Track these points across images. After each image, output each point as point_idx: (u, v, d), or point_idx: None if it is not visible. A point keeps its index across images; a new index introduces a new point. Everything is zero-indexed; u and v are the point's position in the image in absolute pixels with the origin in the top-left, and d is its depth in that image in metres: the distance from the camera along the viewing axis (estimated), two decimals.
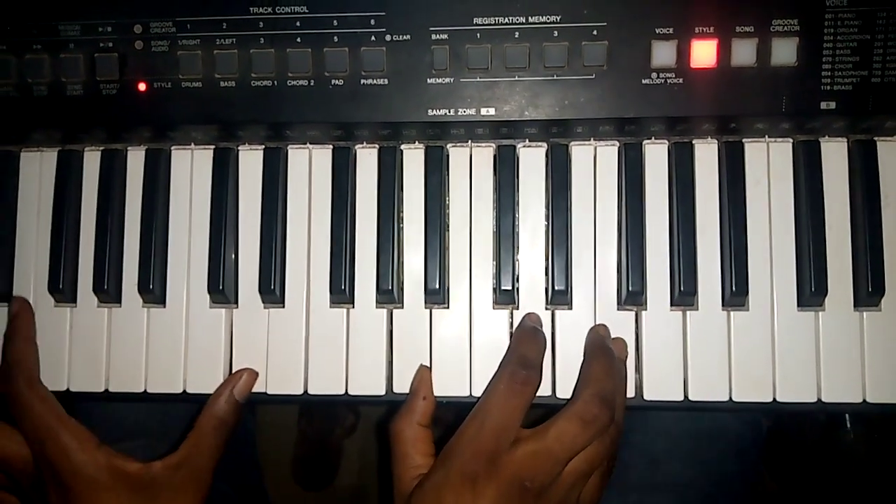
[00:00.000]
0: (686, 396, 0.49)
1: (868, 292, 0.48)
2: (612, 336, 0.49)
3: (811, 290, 0.48)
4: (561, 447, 0.43)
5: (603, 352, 0.47)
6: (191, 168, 0.53)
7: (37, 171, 0.54)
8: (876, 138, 0.50)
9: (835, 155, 0.50)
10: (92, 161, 0.53)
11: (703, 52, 0.47)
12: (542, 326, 0.49)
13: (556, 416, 0.44)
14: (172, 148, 0.53)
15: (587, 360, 0.48)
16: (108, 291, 0.52)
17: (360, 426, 1.29)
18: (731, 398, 0.49)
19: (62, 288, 0.52)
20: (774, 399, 0.49)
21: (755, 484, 0.63)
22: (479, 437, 0.43)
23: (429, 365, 0.50)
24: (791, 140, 0.50)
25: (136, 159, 0.53)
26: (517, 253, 0.51)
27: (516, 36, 0.48)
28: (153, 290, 0.51)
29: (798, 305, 0.49)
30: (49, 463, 0.46)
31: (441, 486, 0.43)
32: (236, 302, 0.52)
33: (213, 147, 0.53)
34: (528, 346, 0.47)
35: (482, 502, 0.42)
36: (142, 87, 0.50)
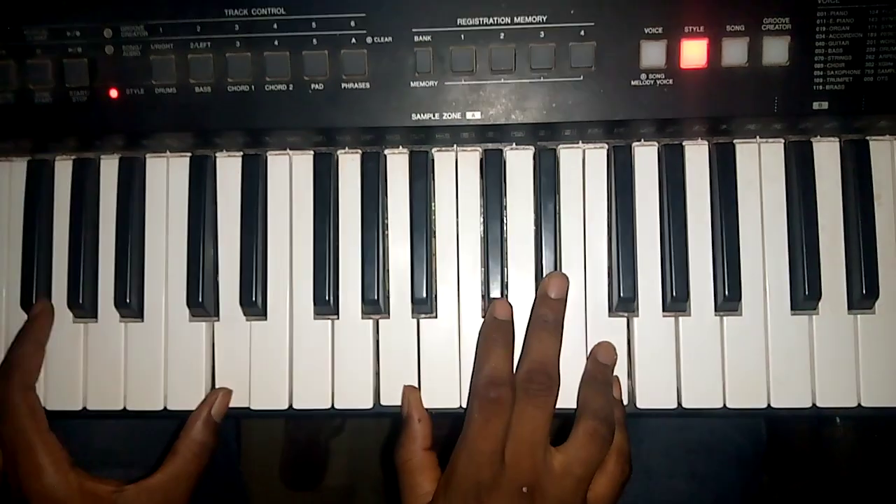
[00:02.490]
0: (679, 404, 0.48)
1: (862, 295, 0.47)
2: (602, 341, 0.49)
3: (805, 294, 0.47)
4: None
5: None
6: (167, 176, 0.51)
7: (6, 181, 0.52)
8: (868, 138, 0.49)
9: (827, 155, 0.49)
10: (63, 171, 0.52)
11: (693, 52, 0.46)
12: (511, 315, 0.47)
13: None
14: (147, 156, 0.51)
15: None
16: (83, 306, 0.50)
17: (347, 426, 1.28)
18: (725, 405, 0.48)
19: (35, 303, 0.50)
20: (769, 405, 0.48)
21: (755, 494, 0.63)
22: (473, 468, 0.43)
23: (417, 377, 0.49)
24: (783, 140, 0.49)
25: (109, 168, 0.51)
26: (506, 259, 0.49)
27: (502, 37, 0.47)
28: (130, 304, 0.50)
29: (791, 309, 0.48)
30: (19, 478, 0.45)
31: None
32: (217, 315, 0.50)
33: (189, 155, 0.51)
34: (494, 358, 0.45)
35: None
36: (113, 93, 0.48)
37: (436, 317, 0.49)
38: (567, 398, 0.47)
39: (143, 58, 0.48)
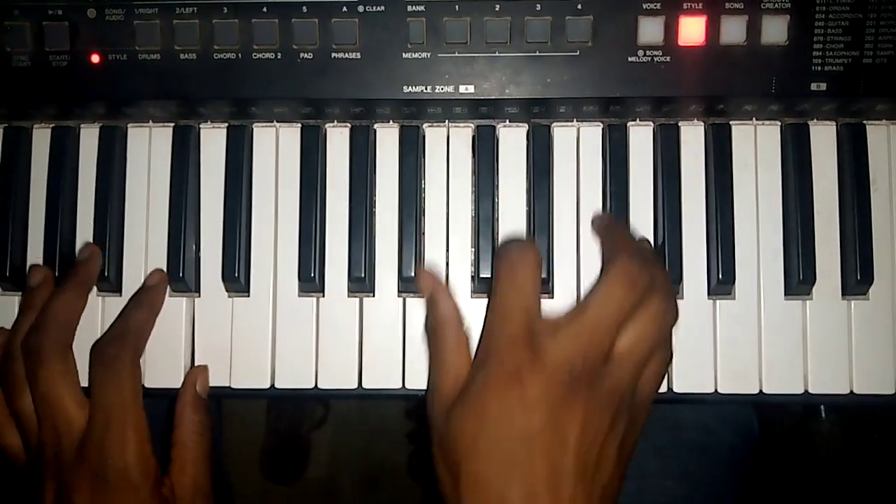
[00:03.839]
0: (671, 389, 0.47)
1: (856, 281, 0.47)
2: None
3: (799, 279, 0.47)
4: (605, 313, 0.38)
5: (616, 224, 0.46)
6: (149, 147, 0.49)
7: None
8: (866, 122, 0.48)
9: (824, 138, 0.48)
10: (41, 139, 0.50)
11: (692, 30, 0.45)
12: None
13: (591, 290, 0.39)
14: (129, 125, 0.50)
15: (603, 236, 0.45)
16: (58, 280, 0.48)
17: (330, 418, 1.26)
18: (716, 390, 0.47)
19: (8, 276, 0.48)
20: (761, 391, 0.47)
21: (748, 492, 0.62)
22: (509, 326, 0.39)
23: (401, 357, 0.48)
24: (779, 123, 0.48)
25: (89, 137, 0.50)
26: (497, 239, 0.48)
27: (497, 9, 0.46)
28: (108, 278, 0.48)
29: (785, 294, 0.48)
30: (103, 447, 0.42)
31: (483, 392, 0.38)
32: (198, 290, 0.49)
33: (172, 125, 0.49)
34: (510, 245, 0.42)
35: (530, 398, 0.37)
36: (95, 59, 0.47)
37: (423, 297, 0.48)
38: None
39: (127, 22, 0.46)
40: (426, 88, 0.46)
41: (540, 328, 0.39)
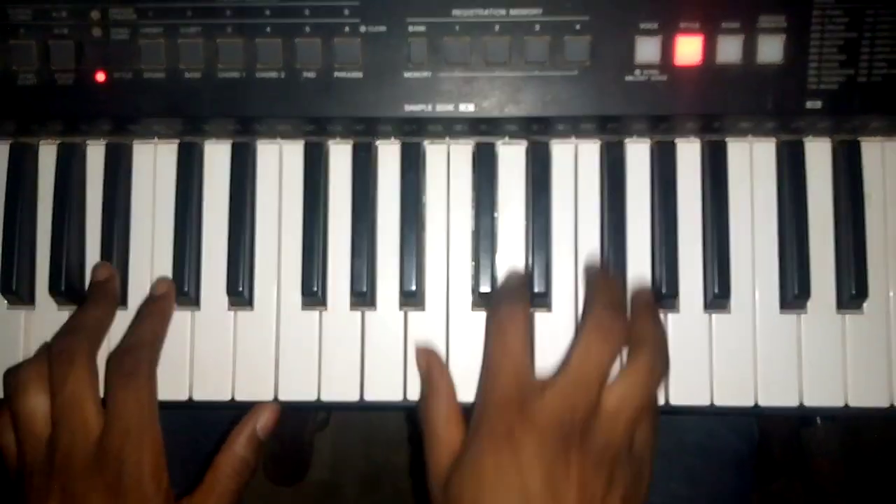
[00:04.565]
0: (667, 401, 0.48)
1: (851, 295, 0.47)
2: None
3: (794, 293, 0.48)
4: (587, 368, 0.39)
5: (599, 271, 0.46)
6: (154, 163, 0.50)
7: None
8: (860, 138, 0.49)
9: (819, 155, 0.49)
10: (48, 155, 0.50)
11: (688, 49, 0.46)
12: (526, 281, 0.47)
13: (570, 347, 0.41)
14: (134, 142, 0.50)
15: (587, 284, 0.46)
16: (65, 294, 0.49)
17: (332, 421, 1.27)
18: (712, 403, 0.48)
19: (15, 290, 0.49)
20: (756, 404, 0.48)
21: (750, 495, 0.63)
22: (499, 389, 0.40)
23: (403, 370, 0.48)
24: (775, 140, 0.49)
25: (95, 154, 0.50)
26: (496, 254, 0.49)
27: (497, 29, 0.46)
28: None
29: (780, 308, 0.48)
30: (114, 458, 0.41)
31: (478, 456, 0.39)
32: (201, 304, 0.49)
33: (177, 141, 0.50)
34: (509, 281, 0.45)
35: (524, 457, 0.38)
36: (100, 77, 0.47)
37: (424, 310, 0.49)
38: None
39: (132, 41, 0.47)
40: (427, 107, 0.47)
41: (530, 389, 0.40)
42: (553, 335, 0.48)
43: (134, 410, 0.42)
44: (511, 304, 0.44)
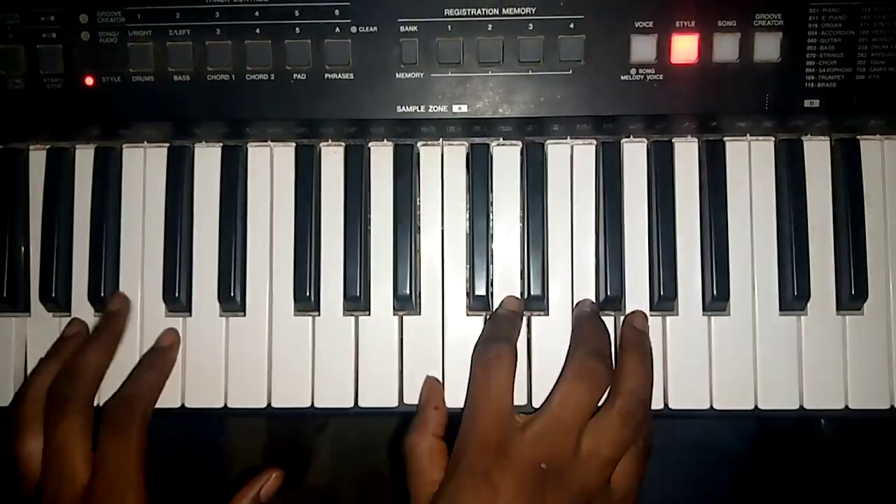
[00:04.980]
0: (666, 405, 0.47)
1: (851, 296, 0.47)
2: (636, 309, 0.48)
3: (793, 294, 0.47)
4: (567, 412, 0.41)
5: (587, 316, 0.46)
6: (144, 167, 0.50)
7: None
8: (859, 137, 0.48)
9: (817, 154, 0.48)
10: (37, 160, 0.50)
11: (684, 48, 0.46)
12: (521, 310, 0.47)
13: (553, 389, 0.42)
14: (124, 146, 0.50)
15: (573, 330, 0.46)
16: (56, 300, 0.48)
17: (330, 424, 1.26)
18: (712, 406, 0.47)
19: (6, 296, 0.48)
20: (756, 406, 0.47)
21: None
22: (479, 430, 0.41)
23: (399, 376, 0.48)
24: (773, 139, 0.48)
25: (84, 158, 0.50)
26: (491, 257, 0.48)
27: (489, 29, 0.46)
28: (104, 298, 0.48)
29: (780, 310, 0.48)
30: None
31: (457, 493, 0.40)
32: (192, 311, 0.49)
33: (167, 145, 0.49)
34: (498, 324, 0.46)
35: (501, 498, 0.39)
36: (89, 81, 0.47)
37: (419, 314, 0.48)
38: None
39: (121, 45, 0.46)
40: (419, 108, 0.46)
41: (511, 430, 0.41)
42: (550, 338, 0.47)
43: (121, 462, 0.43)
44: (497, 344, 0.44)
